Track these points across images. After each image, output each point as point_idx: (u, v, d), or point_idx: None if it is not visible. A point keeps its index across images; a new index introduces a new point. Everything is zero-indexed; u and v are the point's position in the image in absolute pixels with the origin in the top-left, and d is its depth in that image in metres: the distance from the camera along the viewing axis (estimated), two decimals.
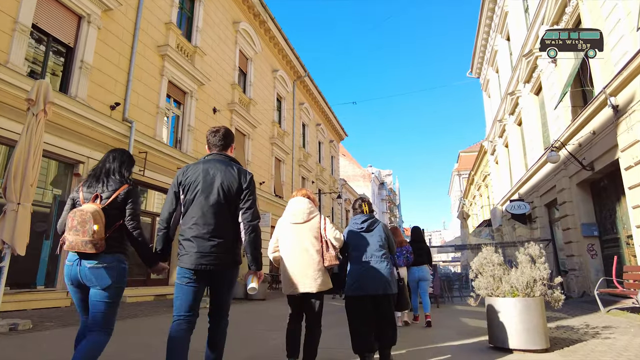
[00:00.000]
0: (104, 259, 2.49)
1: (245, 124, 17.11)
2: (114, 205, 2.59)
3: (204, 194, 2.69)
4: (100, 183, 2.65)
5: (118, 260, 2.57)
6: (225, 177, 2.74)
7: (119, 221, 2.61)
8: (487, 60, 22.50)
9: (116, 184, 2.65)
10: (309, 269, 3.32)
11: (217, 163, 2.82)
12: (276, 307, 10.01)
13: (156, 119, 11.90)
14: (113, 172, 2.72)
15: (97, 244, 2.44)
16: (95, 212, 2.46)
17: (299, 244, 3.40)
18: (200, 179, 2.74)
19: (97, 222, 2.44)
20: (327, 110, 29.74)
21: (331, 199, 30.48)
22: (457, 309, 9.98)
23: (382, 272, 3.50)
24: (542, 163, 13.41)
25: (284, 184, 21.14)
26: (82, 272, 2.48)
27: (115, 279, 2.53)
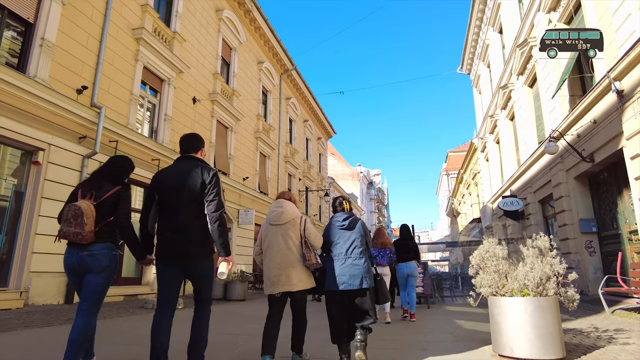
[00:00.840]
0: (96, 247, 2.86)
1: (227, 116, 16.33)
2: (105, 203, 2.94)
3: (173, 193, 2.99)
4: (97, 183, 3.03)
5: (109, 247, 2.94)
6: (191, 177, 3.01)
7: (109, 217, 2.94)
8: (478, 55, 22.05)
9: (110, 185, 3.02)
10: (289, 268, 3.48)
11: (185, 164, 3.11)
12: (255, 308, 9.30)
13: (129, 106, 11.08)
14: (111, 175, 3.10)
15: (86, 236, 2.79)
16: (87, 207, 2.82)
17: (280, 245, 3.56)
18: (170, 180, 3.05)
19: (87, 216, 2.79)
20: (315, 107, 29.06)
21: (318, 197, 29.81)
22: (449, 309, 9.37)
23: (360, 267, 3.62)
24: (536, 157, 12.92)
25: (270, 180, 20.40)
26: (80, 260, 2.84)
27: (108, 262, 2.91)
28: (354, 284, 3.55)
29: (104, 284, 2.95)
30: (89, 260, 2.85)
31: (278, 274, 3.47)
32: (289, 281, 3.46)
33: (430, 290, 9.78)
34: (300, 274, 3.51)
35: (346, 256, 3.66)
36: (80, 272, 2.89)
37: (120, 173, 3.19)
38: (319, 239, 3.70)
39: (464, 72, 25.52)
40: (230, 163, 16.41)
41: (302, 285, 3.51)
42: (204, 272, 3.05)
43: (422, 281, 9.72)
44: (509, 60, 15.33)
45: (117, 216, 2.98)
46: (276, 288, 3.47)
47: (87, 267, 2.86)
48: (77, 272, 2.90)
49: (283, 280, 3.46)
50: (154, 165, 11.73)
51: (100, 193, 2.98)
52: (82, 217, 2.79)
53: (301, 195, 25.49)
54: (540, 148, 12.39)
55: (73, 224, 2.80)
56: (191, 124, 13.97)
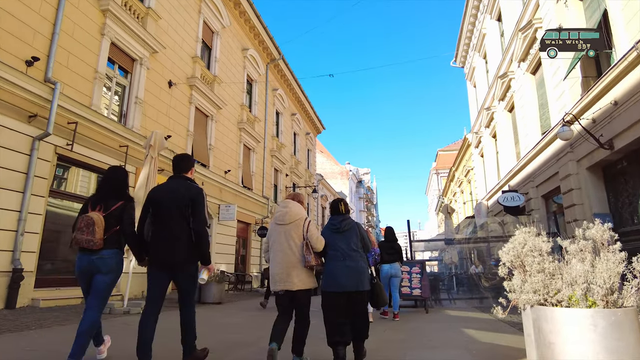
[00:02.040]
0: (105, 252, 3.35)
1: (208, 103, 15.13)
2: (112, 214, 3.44)
3: (165, 208, 3.43)
4: (104, 197, 3.53)
5: (116, 252, 3.44)
6: (180, 194, 3.46)
7: (115, 227, 3.43)
8: (474, 47, 21.15)
9: (116, 200, 3.52)
10: (290, 268, 3.57)
11: (176, 183, 3.56)
12: (231, 313, 8.19)
13: (93, 85, 9.84)
14: (115, 189, 3.61)
15: (96, 242, 3.27)
16: (97, 218, 3.33)
17: (282, 244, 3.65)
18: (163, 196, 3.49)
19: (98, 226, 3.29)
20: (303, 100, 27.94)
21: (307, 194, 28.69)
22: (450, 314, 8.36)
23: (356, 269, 3.64)
24: (539, 149, 11.99)
25: (254, 175, 19.22)
26: (90, 262, 3.32)
27: (114, 264, 3.40)
28: (350, 286, 3.56)
29: (110, 284, 3.39)
30: (99, 263, 3.30)
31: (280, 272, 3.59)
32: (289, 280, 3.56)
33: (428, 293, 8.76)
34: (300, 274, 3.58)
35: (343, 258, 3.67)
36: (90, 273, 3.33)
37: (123, 186, 3.68)
38: (320, 242, 3.72)
39: (458, 65, 24.64)
40: (210, 154, 15.21)
41: (302, 285, 3.58)
42: (188, 278, 3.47)
43: (420, 282, 8.69)
44: (509, 47, 14.41)
45: (123, 225, 3.44)
46: (279, 286, 3.59)
47: (96, 269, 3.31)
48: (87, 273, 3.34)
49: (284, 279, 3.56)
50: (122, 152, 10.52)
51: (108, 206, 3.44)
52: (94, 226, 3.24)
53: (288, 192, 24.36)
54: (544, 139, 11.47)
55: (85, 232, 3.24)
56: (166, 109, 12.76)
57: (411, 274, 8.84)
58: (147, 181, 8.04)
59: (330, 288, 3.62)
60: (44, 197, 8.34)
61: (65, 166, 9.40)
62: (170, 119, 12.91)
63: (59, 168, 9.19)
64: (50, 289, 8.37)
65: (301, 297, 3.63)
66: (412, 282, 8.77)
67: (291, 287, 3.54)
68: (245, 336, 5.40)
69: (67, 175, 9.54)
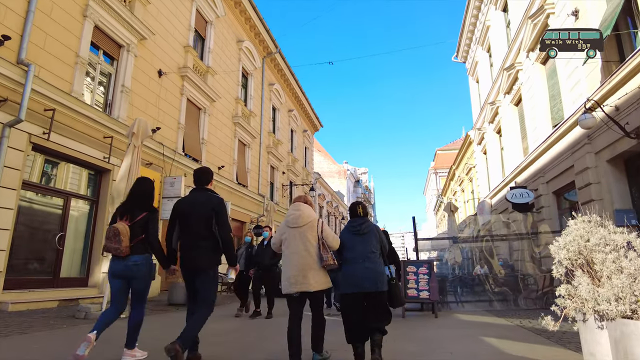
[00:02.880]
0: (136, 258, 3.71)
1: (200, 95, 14.39)
2: (137, 224, 3.77)
3: (190, 218, 3.79)
4: (130, 207, 3.87)
5: (146, 258, 3.79)
6: (203, 205, 3.82)
7: (141, 235, 3.77)
8: (477, 40, 20.49)
9: (141, 210, 3.83)
10: (306, 270, 3.62)
11: (198, 195, 3.92)
12: (216, 318, 7.44)
13: (74, 70, 9.10)
14: (140, 201, 3.91)
15: (123, 250, 3.64)
16: (123, 228, 3.68)
17: (298, 247, 3.69)
18: (187, 208, 3.85)
19: (123, 235, 3.65)
20: (301, 96, 27.21)
21: (304, 193, 27.94)
22: (462, 319, 7.67)
23: (375, 271, 3.72)
24: (550, 143, 11.33)
25: (249, 172, 18.48)
26: (125, 268, 3.69)
27: (146, 271, 3.79)
28: (369, 286, 3.64)
29: (145, 285, 3.85)
30: (134, 269, 3.71)
31: (296, 275, 3.60)
32: (306, 282, 3.59)
33: (437, 296, 8.05)
34: (317, 275, 3.63)
35: (362, 260, 3.73)
36: (125, 278, 3.75)
37: (148, 198, 3.98)
38: (336, 240, 3.83)
39: (459, 60, 23.99)
40: (203, 149, 14.47)
41: (319, 286, 3.64)
42: (207, 280, 3.80)
43: (428, 284, 7.99)
44: (516, 37, 13.75)
45: (147, 234, 3.80)
46: (294, 288, 3.61)
47: (131, 274, 3.73)
48: (121, 277, 3.75)
49: (301, 281, 3.59)
50: (106, 143, 9.79)
51: (134, 216, 3.80)
52: (119, 236, 3.64)
53: (285, 190, 23.63)
54: (556, 132, 10.81)
55: (113, 241, 3.66)
56: (155, 100, 12.02)
57: (418, 274, 8.15)
58: (130, 173, 7.29)
59: (349, 289, 3.72)
60: (16, 190, 7.58)
61: (42, 157, 8.64)
62: (159, 110, 12.17)
63: (34, 158, 8.44)
64: (22, 291, 7.61)
65: (318, 298, 3.75)
66: (419, 283, 8.07)
67: (308, 288, 3.58)
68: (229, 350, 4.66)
69: (43, 166, 8.77)
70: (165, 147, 12.00)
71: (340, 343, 4.12)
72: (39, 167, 8.65)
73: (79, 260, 9.51)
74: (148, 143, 11.27)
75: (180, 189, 11.71)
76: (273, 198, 21.74)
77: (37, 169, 8.57)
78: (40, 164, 8.68)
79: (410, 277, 8.16)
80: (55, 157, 8.88)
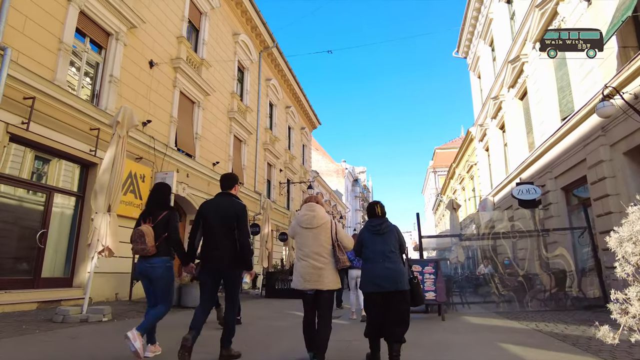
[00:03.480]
0: (155, 261, 4.00)
1: (194, 88, 13.86)
2: (159, 225, 4.08)
3: (214, 221, 3.96)
4: (151, 210, 4.18)
5: (164, 261, 4.05)
6: (226, 209, 4.00)
7: (164, 234, 4.06)
8: (479, 34, 20.01)
9: (161, 210, 4.17)
10: (320, 269, 3.69)
11: (223, 199, 4.12)
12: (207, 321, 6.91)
13: (57, 57, 8.55)
14: (160, 203, 4.26)
15: (149, 250, 3.95)
16: (147, 229, 3.99)
17: (312, 247, 3.75)
18: (212, 211, 4.03)
19: (148, 236, 3.95)
20: (298, 93, 26.68)
21: (302, 192, 27.44)
22: (472, 322, 7.16)
23: (395, 270, 3.77)
24: (559, 136, 10.86)
25: (245, 169, 17.94)
26: (144, 269, 4.02)
27: (164, 271, 4.03)
28: (388, 286, 3.69)
29: (166, 284, 4.07)
30: (150, 270, 4.01)
31: (311, 273, 3.69)
32: (320, 280, 3.68)
33: (444, 297, 7.53)
34: (330, 274, 3.72)
35: (382, 259, 3.80)
36: (148, 277, 4.05)
37: (166, 199, 4.35)
38: (350, 242, 3.90)
39: (460, 55, 23.53)
40: (197, 144, 13.93)
41: (332, 285, 3.73)
42: (231, 279, 4.07)
43: (434, 284, 7.49)
44: (521, 29, 13.28)
45: (169, 232, 4.07)
46: (308, 285, 3.69)
47: (150, 275, 4.02)
48: (145, 276, 4.07)
49: (315, 279, 3.67)
50: (92, 136, 9.26)
51: (155, 217, 4.10)
52: (144, 237, 3.94)
53: (282, 188, 23.10)
54: (566, 124, 10.33)
55: (139, 242, 3.96)
56: (146, 91, 11.48)
57: (423, 274, 7.63)
58: (114, 164, 6.78)
59: (370, 289, 3.80)
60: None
61: (21, 148, 8.09)
62: (150, 102, 11.63)
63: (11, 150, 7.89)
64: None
65: (328, 297, 3.76)
66: (425, 284, 7.55)
67: (322, 286, 3.66)
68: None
69: (23, 159, 8.20)
70: (157, 141, 11.46)
71: None
72: (18, 159, 8.10)
73: (63, 259, 8.96)
74: (138, 136, 10.74)
75: (172, 184, 11.17)
76: (270, 196, 21.21)
77: (16, 162, 8.01)
78: (20, 156, 8.12)
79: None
80: (36, 149, 8.32)
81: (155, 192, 4.37)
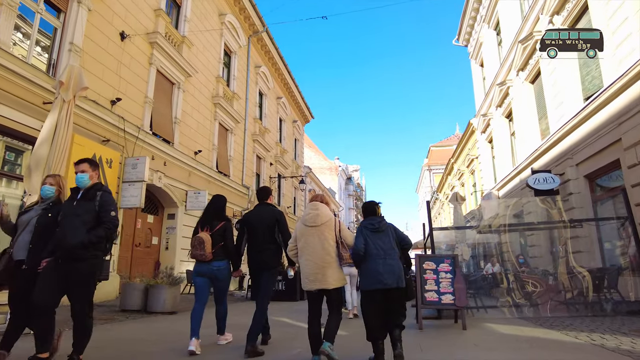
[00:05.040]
0: (218, 264, 4.51)
1: (173, 68, 12.45)
2: (217, 233, 4.55)
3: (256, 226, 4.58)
4: (209, 220, 4.67)
5: (225, 263, 4.60)
6: (267, 217, 4.62)
7: (220, 242, 4.56)
8: (482, 19, 18.79)
9: (218, 221, 4.66)
10: (325, 268, 3.73)
11: (263, 209, 4.76)
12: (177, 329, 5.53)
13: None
14: (217, 213, 4.78)
15: (207, 256, 4.40)
16: (206, 237, 4.44)
17: (316, 246, 3.81)
18: (255, 219, 4.65)
19: (207, 243, 4.41)
20: (290, 83, 25.31)
21: (293, 188, 26.09)
22: (501, 331, 5.87)
23: (397, 267, 3.79)
24: (583, 117, 9.67)
25: (232, 160, 16.53)
26: (210, 271, 4.50)
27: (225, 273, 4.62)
28: (391, 282, 3.70)
29: (226, 285, 4.73)
30: (217, 273, 4.51)
31: (315, 273, 3.73)
32: (325, 279, 3.70)
33: (465, 300, 6.19)
34: (335, 273, 3.76)
35: (384, 257, 3.80)
36: (209, 278, 4.54)
37: (222, 211, 4.90)
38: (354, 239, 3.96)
39: (461, 43, 22.31)
40: (176, 129, 12.53)
41: (337, 283, 3.77)
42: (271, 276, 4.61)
43: (452, 285, 6.17)
44: (535, 3, 12.08)
45: (226, 241, 4.61)
46: (314, 285, 3.73)
47: (215, 276, 4.53)
48: (205, 276, 4.53)
49: (320, 279, 3.70)
50: (44, 110, 7.81)
51: (213, 226, 4.59)
52: (204, 244, 4.38)
53: (273, 183, 21.72)
54: (592, 103, 9.13)
55: (198, 248, 4.39)
56: (116, 66, 10.06)
57: (438, 272, 6.31)
58: (55, 135, 5.39)
59: (373, 286, 3.74)
60: None
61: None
62: (121, 78, 10.21)
63: None
64: None
65: (335, 294, 3.81)
66: (440, 284, 6.22)
67: (327, 286, 3.71)
68: None
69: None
70: (128, 122, 10.06)
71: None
72: None
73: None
74: (105, 116, 9.35)
75: (144, 171, 9.80)
76: None
77: None
78: None
79: (429, 277, 6.32)
80: None
81: (213, 204, 4.90)
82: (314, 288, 3.72)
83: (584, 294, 7.34)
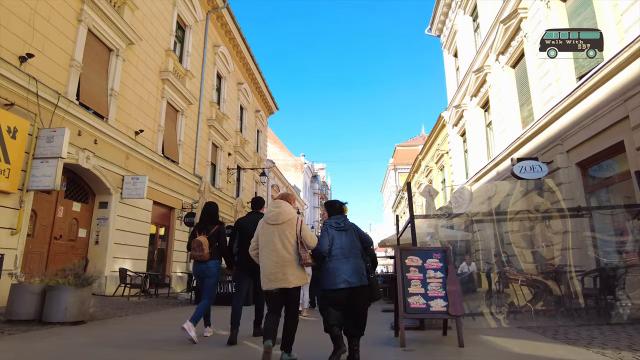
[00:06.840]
0: (210, 263, 4.94)
1: (110, 30, 10.54)
2: (212, 236, 5.02)
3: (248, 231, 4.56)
4: (205, 224, 5.15)
5: (217, 263, 5.03)
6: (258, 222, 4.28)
7: (216, 244, 5.02)
8: (457, 5, 17.81)
9: (212, 225, 5.13)
10: (285, 266, 3.65)
11: (255, 216, 5.02)
12: (74, 353, 3.85)
13: None
14: (211, 218, 5.24)
15: (205, 256, 4.87)
16: (204, 240, 4.91)
17: (277, 244, 3.73)
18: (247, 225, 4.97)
19: (205, 245, 4.87)
20: (253, 68, 23.52)
21: (254, 182, 24.34)
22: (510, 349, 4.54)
23: (360, 265, 3.77)
24: (575, 99, 8.68)
25: (182, 145, 14.67)
26: (202, 270, 4.94)
27: (216, 271, 5.03)
28: (355, 281, 3.66)
29: (215, 283, 5.06)
30: (206, 270, 4.94)
31: (275, 272, 3.65)
32: (285, 278, 3.62)
33: (461, 308, 4.77)
34: (295, 271, 3.68)
35: (348, 255, 3.77)
36: (203, 276, 4.98)
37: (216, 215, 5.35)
38: (314, 240, 3.85)
39: (433, 33, 21.37)
40: (112, 102, 10.63)
41: (298, 282, 3.67)
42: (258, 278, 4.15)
43: (443, 287, 4.79)
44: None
45: (220, 243, 5.08)
46: (273, 284, 3.64)
47: (206, 274, 4.96)
48: (200, 276, 5.01)
49: (280, 277, 3.62)
50: None
51: (209, 230, 5.05)
52: (202, 246, 4.86)
53: (231, 175, 19.94)
54: (589, 81, 8.09)
55: (198, 250, 4.85)
56: (28, 15, 8.13)
57: (425, 270, 4.91)
58: None
59: (337, 285, 3.65)
60: None
61: None
62: (35, 31, 8.27)
63: None
64: None
65: (295, 294, 3.75)
66: (429, 286, 4.81)
67: (287, 284, 3.63)
68: None
69: None
70: (43, 84, 8.15)
71: None
72: None
73: None
74: (8, 74, 7.42)
75: (61, 146, 7.94)
76: (215, 182, 18.03)
77: None
78: None
79: (414, 276, 4.91)
80: None
81: (207, 210, 5.33)
82: (274, 287, 3.65)
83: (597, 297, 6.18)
